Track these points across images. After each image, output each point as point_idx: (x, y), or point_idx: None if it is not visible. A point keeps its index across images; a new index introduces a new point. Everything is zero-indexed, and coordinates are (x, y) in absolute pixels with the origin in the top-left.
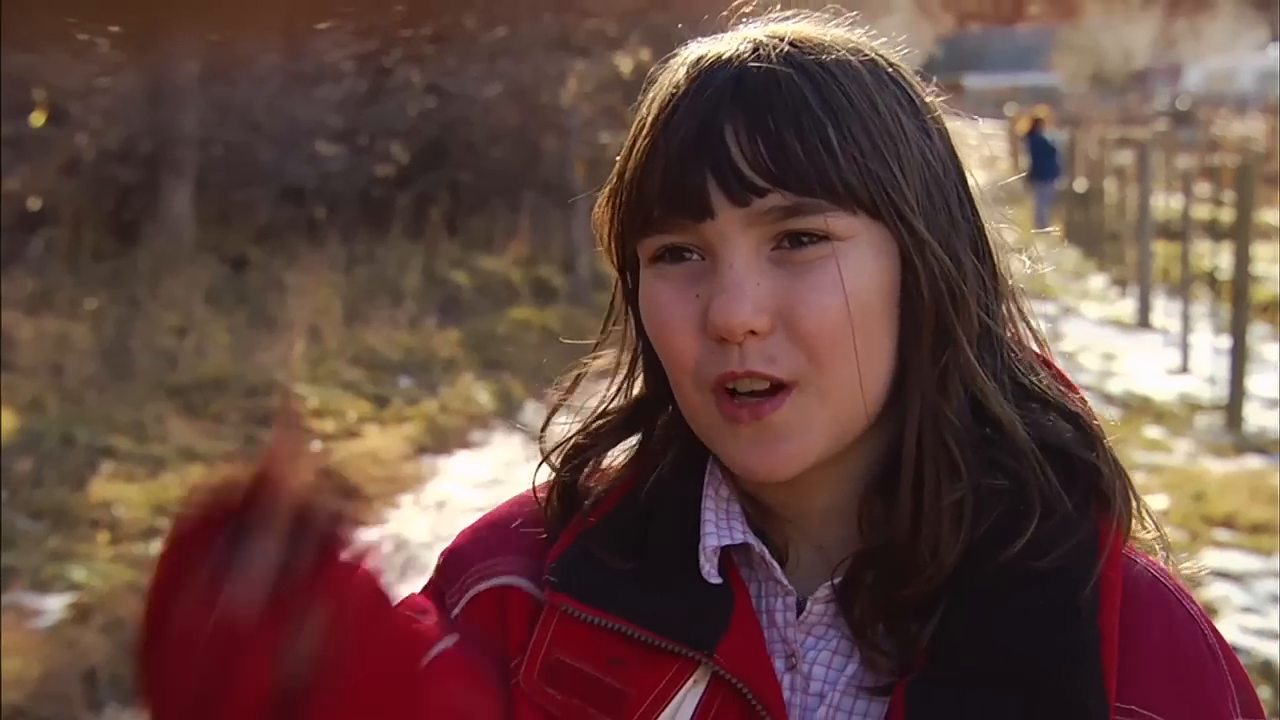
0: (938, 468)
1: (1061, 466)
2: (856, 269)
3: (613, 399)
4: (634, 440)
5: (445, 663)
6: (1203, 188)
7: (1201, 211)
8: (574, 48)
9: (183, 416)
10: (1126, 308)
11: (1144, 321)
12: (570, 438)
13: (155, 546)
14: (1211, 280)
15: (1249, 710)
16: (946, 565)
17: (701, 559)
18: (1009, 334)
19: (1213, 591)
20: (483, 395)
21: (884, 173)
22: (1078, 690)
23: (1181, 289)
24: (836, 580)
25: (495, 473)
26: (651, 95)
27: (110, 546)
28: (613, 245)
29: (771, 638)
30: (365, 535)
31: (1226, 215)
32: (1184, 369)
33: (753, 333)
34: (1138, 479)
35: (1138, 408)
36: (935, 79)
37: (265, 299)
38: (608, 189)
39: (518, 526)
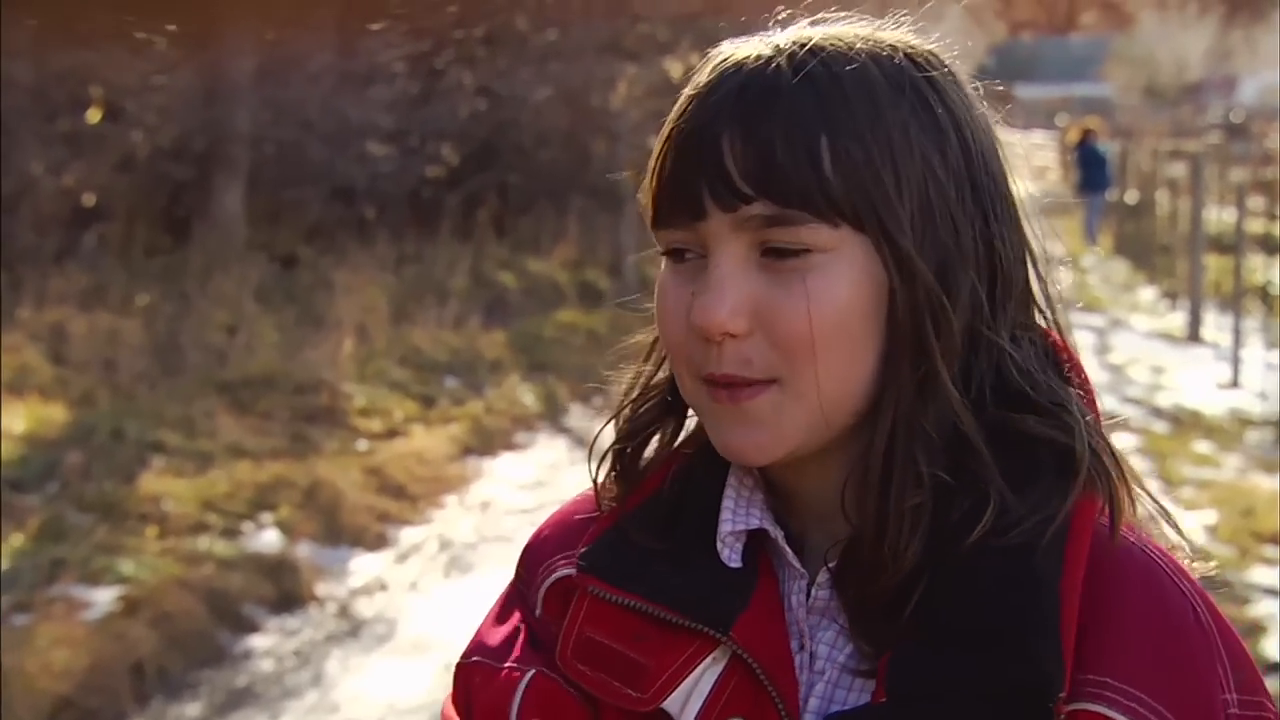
0: (905, 474)
1: (1031, 456)
2: (833, 281)
3: (654, 375)
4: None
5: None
6: (1256, 201)
7: (1254, 225)
8: (624, 52)
9: (231, 413)
10: (1177, 321)
11: (1194, 335)
12: (616, 415)
13: (203, 541)
14: (1263, 294)
15: (1245, 686)
16: (905, 563)
17: (719, 544)
18: (1028, 335)
19: (1261, 608)
20: (528, 397)
21: (875, 188)
22: (1036, 654)
23: (1233, 303)
24: (831, 565)
25: (539, 474)
26: (683, 92)
27: (159, 541)
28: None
29: (790, 620)
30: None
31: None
32: (1234, 383)
33: (731, 335)
34: (1186, 494)
35: (1187, 422)
36: (982, 86)
37: (314, 297)
38: (645, 179)
39: (580, 519)
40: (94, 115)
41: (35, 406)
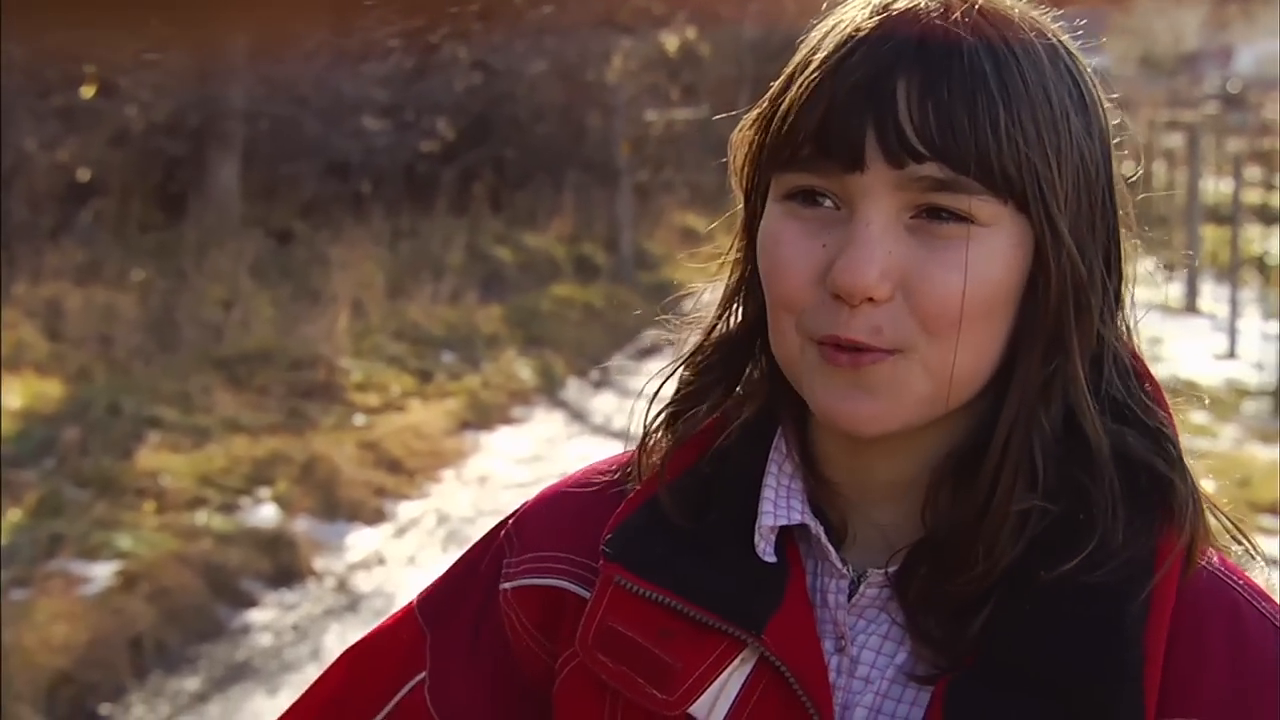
0: (1017, 472)
1: (1132, 481)
2: (990, 256)
3: (713, 329)
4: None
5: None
6: (1253, 171)
7: (1251, 196)
8: (620, 25)
9: (228, 388)
10: (1173, 292)
11: (1191, 306)
12: (670, 376)
13: (200, 516)
14: (1260, 265)
15: None
16: (997, 569)
17: (757, 537)
18: (1122, 346)
19: (1258, 578)
20: (525, 371)
21: (1042, 167)
22: (1114, 709)
23: (1230, 273)
24: (891, 569)
25: (537, 449)
26: (827, 30)
27: (156, 515)
28: (746, 169)
29: (823, 618)
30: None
31: (1277, 200)
32: (1231, 354)
33: (871, 300)
34: None
35: (1184, 392)
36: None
37: (310, 273)
38: (756, 112)
39: (578, 513)
40: (88, 91)
41: (31, 382)
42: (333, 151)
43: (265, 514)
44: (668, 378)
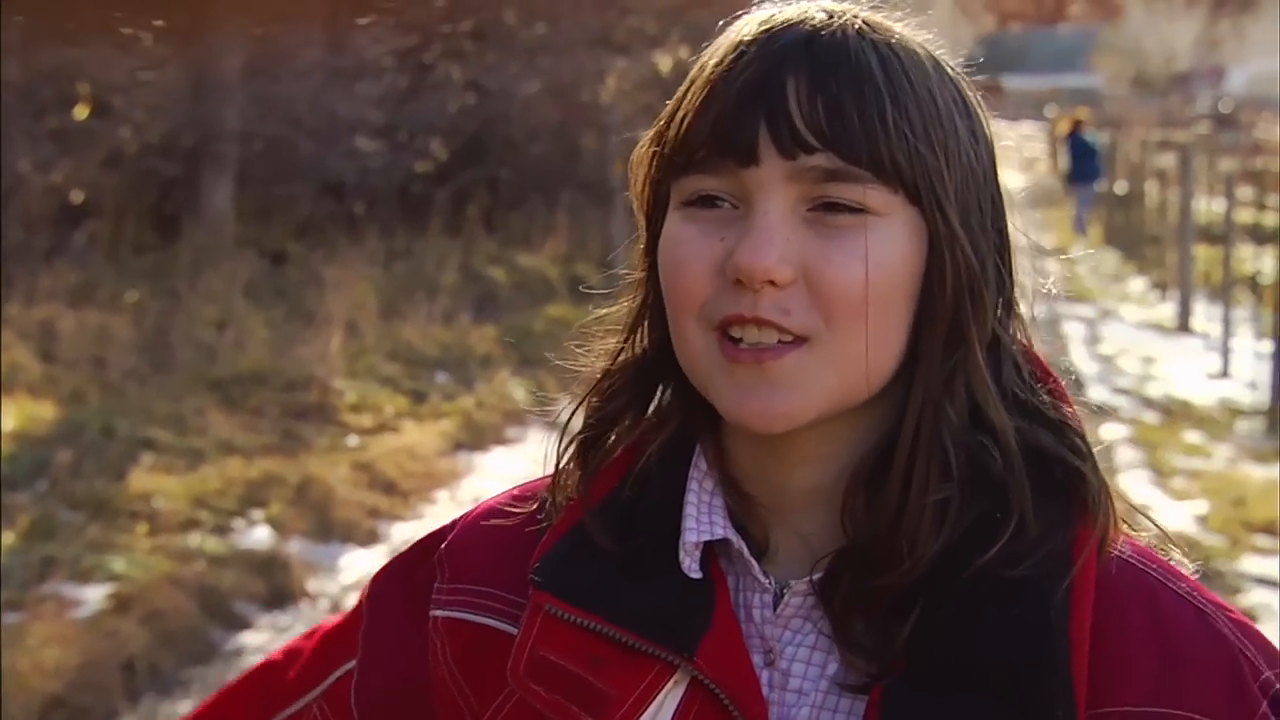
0: (929, 464)
1: (1045, 474)
2: (885, 244)
3: (618, 354)
4: (628, 420)
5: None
6: (1245, 191)
7: (1243, 215)
8: (613, 45)
9: (222, 410)
10: (1167, 311)
11: (1184, 325)
12: (580, 404)
13: (194, 538)
14: (1253, 284)
15: (1275, 662)
16: (921, 563)
17: (681, 554)
18: (1016, 345)
19: (1253, 598)
20: (518, 392)
21: (930, 159)
22: (1047, 701)
23: (1223, 293)
24: (816, 576)
25: (531, 469)
26: (716, 45)
27: (149, 538)
28: (645, 189)
29: (749, 633)
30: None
31: (1269, 219)
32: (1224, 373)
33: (771, 283)
34: (1177, 484)
35: (1178, 412)
36: (974, 80)
37: (304, 293)
38: (653, 130)
39: (510, 547)
40: (82, 112)
41: (25, 404)
42: (327, 172)
43: (259, 536)
44: (576, 408)
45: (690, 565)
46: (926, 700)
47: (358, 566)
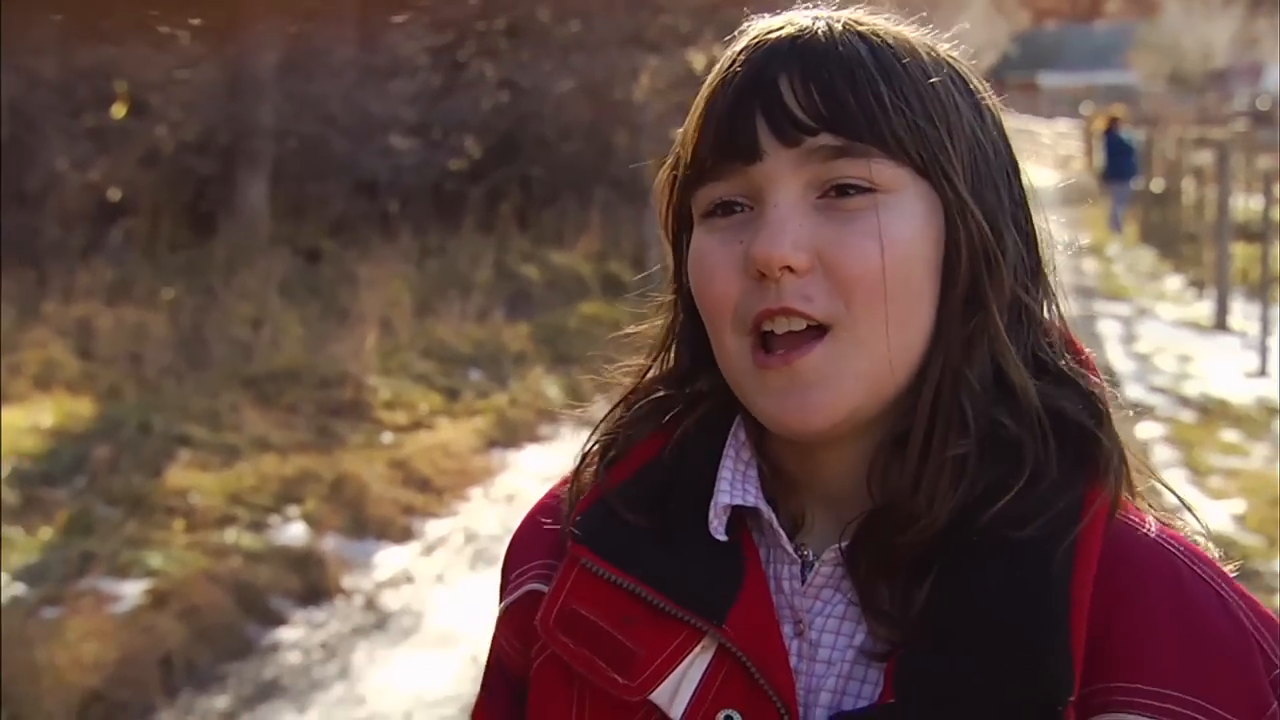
0: (949, 424)
1: (1061, 435)
2: (899, 220)
3: (646, 372)
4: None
5: None
6: None
7: None
8: (647, 43)
9: (257, 406)
10: (1203, 309)
11: (1221, 324)
12: (606, 416)
13: (230, 534)
14: None
15: None
16: (940, 517)
17: (711, 514)
18: (1039, 314)
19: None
20: (552, 389)
21: (932, 133)
22: (1044, 659)
23: (1260, 291)
24: (844, 544)
25: (564, 467)
26: (715, 69)
27: (186, 534)
28: (668, 214)
29: (779, 604)
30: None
31: None
32: (1262, 372)
33: (790, 270)
34: (1214, 483)
35: (1215, 411)
36: (1009, 77)
37: (338, 291)
38: (669, 159)
39: (545, 527)
40: (119, 111)
41: (63, 400)
42: (361, 170)
43: (294, 532)
44: (601, 422)
45: (717, 527)
46: (936, 663)
47: (392, 563)
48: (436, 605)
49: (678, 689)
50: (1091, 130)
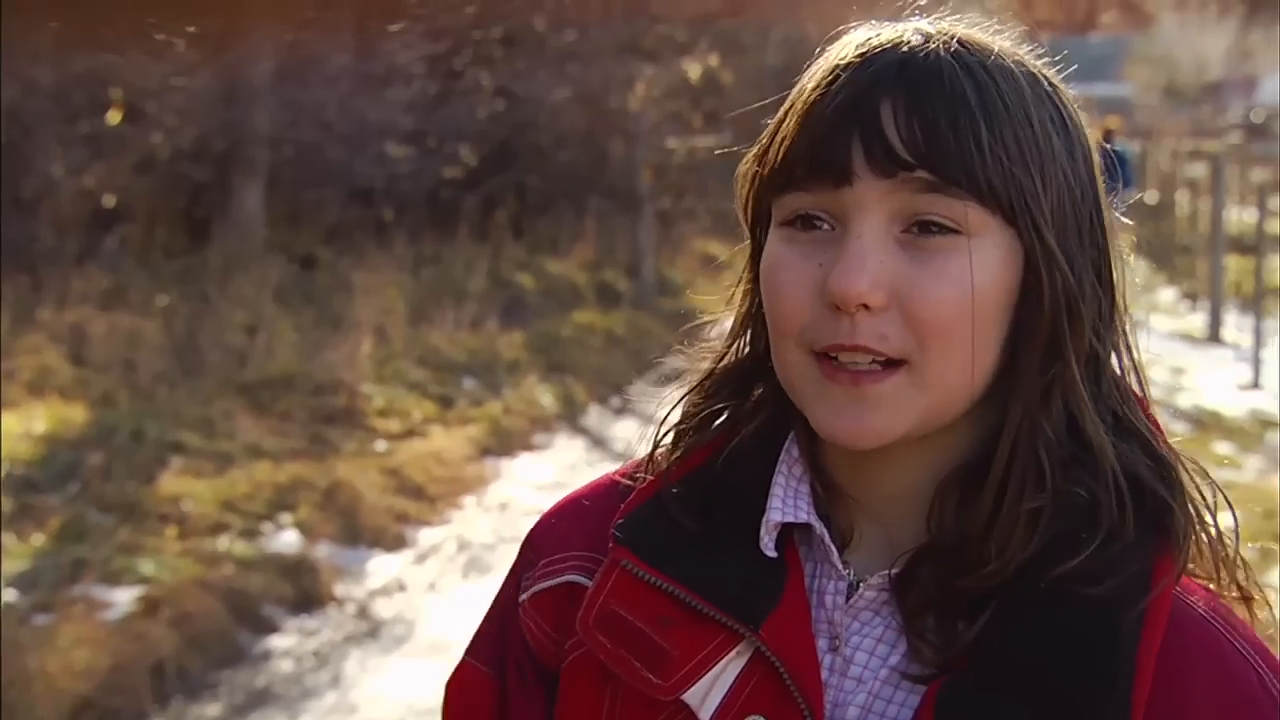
0: (1024, 475)
1: (1136, 499)
2: (982, 266)
3: (723, 357)
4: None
5: None
6: (1276, 201)
7: (1275, 225)
8: (642, 53)
9: (250, 414)
10: (1197, 322)
11: (1214, 336)
12: (682, 399)
13: (222, 542)
14: None
15: None
16: (1010, 568)
17: (762, 531)
18: (1114, 365)
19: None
20: (546, 398)
21: (1026, 181)
22: (1100, 716)
23: (1254, 303)
24: (894, 571)
25: (558, 475)
26: (816, 67)
27: (179, 541)
28: (748, 203)
29: (818, 618)
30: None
31: None
32: (1255, 384)
33: (866, 307)
34: (1206, 495)
35: (1208, 423)
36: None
37: (333, 298)
38: (756, 148)
39: (595, 511)
40: (114, 117)
41: (56, 407)
42: (356, 177)
43: (287, 540)
44: (677, 404)
45: (768, 543)
46: (983, 700)
47: (385, 571)
48: (429, 614)
49: (710, 691)
50: None
